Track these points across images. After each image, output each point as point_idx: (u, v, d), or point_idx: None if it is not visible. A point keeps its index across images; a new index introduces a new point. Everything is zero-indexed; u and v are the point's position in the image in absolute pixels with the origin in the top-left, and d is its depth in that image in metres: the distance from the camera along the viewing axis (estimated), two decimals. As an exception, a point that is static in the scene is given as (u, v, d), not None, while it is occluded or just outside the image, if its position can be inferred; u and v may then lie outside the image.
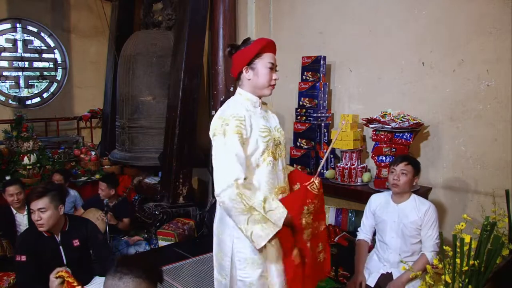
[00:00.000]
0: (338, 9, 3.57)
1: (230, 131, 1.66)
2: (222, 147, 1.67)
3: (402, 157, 2.42)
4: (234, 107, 1.76)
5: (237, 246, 1.76)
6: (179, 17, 4.47)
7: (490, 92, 2.68)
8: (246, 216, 1.62)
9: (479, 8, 2.70)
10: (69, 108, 5.64)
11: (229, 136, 1.66)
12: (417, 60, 3.04)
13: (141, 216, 4.12)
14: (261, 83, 1.79)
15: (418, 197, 2.41)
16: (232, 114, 1.70)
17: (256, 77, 1.78)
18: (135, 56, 4.77)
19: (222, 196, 1.62)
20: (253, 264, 1.76)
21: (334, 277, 3.07)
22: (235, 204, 1.61)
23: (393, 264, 2.37)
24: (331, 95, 3.67)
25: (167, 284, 3.05)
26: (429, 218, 2.31)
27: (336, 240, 3.24)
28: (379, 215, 2.45)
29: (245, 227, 1.64)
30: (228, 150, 1.65)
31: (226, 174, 1.63)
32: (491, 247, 1.42)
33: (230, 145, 1.66)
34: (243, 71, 1.79)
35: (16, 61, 5.32)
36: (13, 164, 4.30)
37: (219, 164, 1.67)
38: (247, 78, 1.80)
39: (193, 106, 4.29)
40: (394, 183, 2.35)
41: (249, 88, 1.82)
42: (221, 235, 1.83)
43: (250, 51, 1.76)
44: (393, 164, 2.41)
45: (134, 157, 4.82)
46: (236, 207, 1.61)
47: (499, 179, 2.64)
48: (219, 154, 1.69)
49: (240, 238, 1.74)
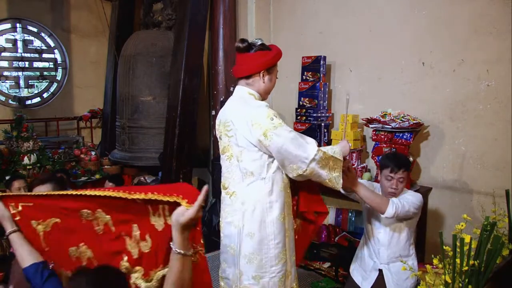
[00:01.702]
0: (338, 9, 3.57)
1: (280, 121, 1.80)
2: (287, 135, 1.77)
3: (398, 164, 2.24)
4: (257, 102, 1.88)
5: (275, 241, 1.85)
6: (179, 17, 4.47)
7: (490, 92, 2.68)
8: (327, 169, 1.83)
9: (479, 8, 2.70)
10: (69, 108, 5.63)
11: (283, 124, 1.80)
12: (417, 60, 3.04)
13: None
14: (270, 89, 1.93)
15: (405, 189, 2.34)
16: (266, 107, 1.84)
17: (269, 83, 1.91)
18: (135, 56, 4.76)
19: (311, 166, 1.78)
20: (283, 258, 1.88)
21: (334, 277, 3.07)
22: (318, 166, 1.80)
23: (382, 258, 2.35)
24: (331, 95, 3.67)
25: (167, 284, 3.04)
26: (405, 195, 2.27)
27: (336, 240, 3.24)
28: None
29: (326, 176, 1.84)
30: (295, 134, 1.80)
31: (307, 149, 1.78)
32: (491, 247, 1.42)
33: (289, 130, 1.79)
34: (260, 74, 1.86)
35: (16, 61, 5.31)
36: (13, 164, 4.30)
37: (296, 147, 1.77)
38: (262, 82, 1.88)
39: (193, 106, 4.29)
40: (392, 192, 2.25)
41: (258, 90, 1.90)
42: (255, 236, 1.86)
43: (273, 58, 1.87)
44: (388, 171, 2.24)
45: (134, 157, 4.82)
46: (319, 166, 1.80)
47: (499, 179, 2.64)
48: (287, 140, 1.77)
49: (277, 233, 1.85)
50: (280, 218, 1.87)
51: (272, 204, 1.85)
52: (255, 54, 1.83)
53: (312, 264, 3.27)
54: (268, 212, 1.85)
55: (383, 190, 2.32)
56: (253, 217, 1.85)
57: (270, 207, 1.85)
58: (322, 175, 1.83)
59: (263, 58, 1.83)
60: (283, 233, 1.89)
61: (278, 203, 1.87)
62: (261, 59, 1.83)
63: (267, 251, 1.84)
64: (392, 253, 2.31)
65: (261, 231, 1.84)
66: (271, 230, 1.85)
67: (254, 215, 1.85)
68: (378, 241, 2.35)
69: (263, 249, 1.84)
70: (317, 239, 3.34)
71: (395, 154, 2.48)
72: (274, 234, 1.85)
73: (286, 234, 1.92)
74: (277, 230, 1.86)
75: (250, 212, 1.85)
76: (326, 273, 3.16)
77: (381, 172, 2.32)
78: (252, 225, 1.85)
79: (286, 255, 1.91)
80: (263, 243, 1.85)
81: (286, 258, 1.91)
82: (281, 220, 1.88)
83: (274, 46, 1.91)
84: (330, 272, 3.14)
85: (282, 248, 1.88)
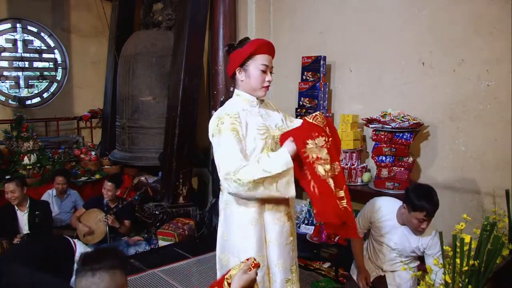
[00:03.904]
0: (338, 9, 3.57)
1: (225, 129, 1.67)
2: (217, 145, 1.68)
3: (435, 208, 2.08)
4: (229, 106, 1.77)
5: (244, 245, 1.76)
6: (179, 17, 4.47)
7: (490, 92, 2.68)
8: (261, 187, 1.60)
9: (479, 8, 2.70)
10: (69, 108, 5.63)
11: (224, 133, 1.66)
12: (417, 60, 3.04)
13: (141, 216, 4.12)
14: (253, 85, 1.76)
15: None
16: (226, 113, 1.71)
17: (248, 79, 1.76)
18: (135, 56, 4.77)
19: (228, 189, 1.64)
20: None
21: (334, 277, 3.07)
22: (244, 189, 1.59)
23: (386, 270, 2.38)
24: (331, 95, 3.67)
25: (167, 284, 3.05)
26: (434, 245, 2.19)
27: (336, 240, 3.24)
28: (379, 228, 2.34)
29: (269, 192, 1.61)
30: (225, 145, 1.65)
31: (225, 166, 1.63)
32: (491, 247, 1.42)
33: (225, 140, 1.65)
34: (236, 72, 1.78)
35: (16, 61, 5.32)
36: (13, 164, 4.30)
37: (218, 160, 1.67)
38: (240, 80, 1.79)
39: (193, 106, 4.29)
40: (421, 231, 2.16)
41: (243, 88, 1.80)
42: (226, 236, 1.82)
43: (243, 52, 1.74)
44: (423, 215, 2.08)
45: (134, 157, 4.82)
46: (246, 190, 1.59)
47: (499, 179, 2.64)
48: (216, 152, 1.69)
49: (246, 238, 1.74)
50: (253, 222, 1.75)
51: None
52: (232, 54, 1.79)
53: (312, 264, 3.27)
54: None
55: (411, 227, 2.19)
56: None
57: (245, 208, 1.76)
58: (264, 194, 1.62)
59: (236, 55, 1.76)
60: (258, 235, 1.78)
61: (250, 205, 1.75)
62: (235, 57, 1.76)
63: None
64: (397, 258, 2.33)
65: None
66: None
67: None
68: (384, 257, 2.37)
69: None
70: (317, 239, 3.34)
71: (430, 195, 2.13)
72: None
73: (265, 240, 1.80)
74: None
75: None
76: (326, 273, 3.16)
77: (411, 211, 2.12)
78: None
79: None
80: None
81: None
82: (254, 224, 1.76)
83: (251, 40, 1.80)
84: (330, 272, 3.13)
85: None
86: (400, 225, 2.27)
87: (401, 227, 2.26)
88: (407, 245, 2.26)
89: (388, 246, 2.33)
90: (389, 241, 2.31)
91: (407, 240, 2.25)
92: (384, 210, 2.33)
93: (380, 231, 2.33)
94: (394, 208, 2.29)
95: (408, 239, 2.25)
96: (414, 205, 2.08)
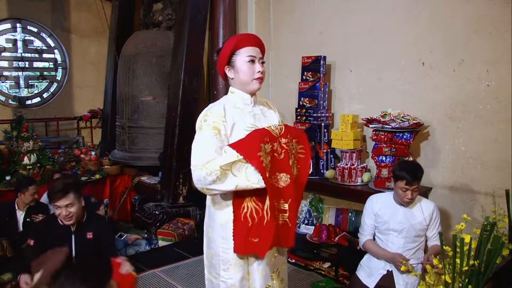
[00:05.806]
0: (338, 9, 3.57)
1: (206, 126, 1.66)
2: (195, 141, 1.67)
3: (414, 176, 2.24)
4: (219, 103, 1.75)
5: (224, 246, 1.75)
6: (179, 17, 4.47)
7: (490, 92, 2.68)
8: (229, 173, 1.60)
9: (479, 8, 2.70)
10: (69, 108, 5.64)
11: (205, 130, 1.66)
12: (417, 60, 3.04)
13: (141, 216, 4.12)
14: (244, 79, 1.73)
15: (419, 196, 2.40)
16: (212, 111, 1.70)
17: (238, 74, 1.73)
18: (135, 56, 4.77)
19: (198, 183, 1.63)
20: (236, 265, 1.75)
21: (334, 277, 3.07)
22: (212, 178, 1.59)
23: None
24: (331, 95, 3.67)
25: (167, 284, 3.05)
26: (435, 219, 2.36)
27: (336, 240, 3.24)
28: (382, 216, 2.41)
29: (238, 181, 1.60)
30: (201, 141, 1.65)
31: (194, 158, 1.63)
32: (491, 247, 1.41)
33: (202, 136, 1.65)
34: (226, 71, 1.77)
35: (16, 61, 5.32)
36: (13, 164, 4.30)
37: (192, 153, 1.66)
38: (231, 77, 1.77)
39: (193, 106, 4.29)
40: (408, 201, 2.31)
41: (237, 86, 1.78)
42: (210, 234, 1.83)
43: (226, 50, 1.73)
44: (403, 183, 2.25)
45: (134, 157, 4.83)
46: (214, 178, 1.59)
47: (499, 179, 2.64)
48: (192, 146, 1.68)
49: (226, 238, 1.73)
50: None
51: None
52: (218, 56, 1.79)
53: (312, 264, 3.26)
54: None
55: (399, 198, 2.34)
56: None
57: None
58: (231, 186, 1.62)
59: (221, 56, 1.75)
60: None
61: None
62: (220, 57, 1.76)
63: None
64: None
65: None
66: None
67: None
68: (393, 245, 2.39)
69: None
70: (317, 239, 3.34)
71: (410, 165, 2.36)
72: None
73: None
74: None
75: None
76: (326, 273, 3.16)
77: (396, 182, 2.31)
78: None
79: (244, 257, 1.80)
80: None
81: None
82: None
83: (232, 36, 1.80)
84: (330, 272, 3.13)
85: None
86: (399, 206, 2.38)
87: (401, 207, 2.37)
88: (412, 222, 2.33)
89: (395, 231, 2.36)
90: (395, 224, 2.36)
91: (412, 216, 2.34)
92: (382, 198, 2.48)
93: (384, 217, 2.40)
94: (390, 195, 2.45)
95: (412, 215, 2.34)
96: (395, 175, 2.30)
